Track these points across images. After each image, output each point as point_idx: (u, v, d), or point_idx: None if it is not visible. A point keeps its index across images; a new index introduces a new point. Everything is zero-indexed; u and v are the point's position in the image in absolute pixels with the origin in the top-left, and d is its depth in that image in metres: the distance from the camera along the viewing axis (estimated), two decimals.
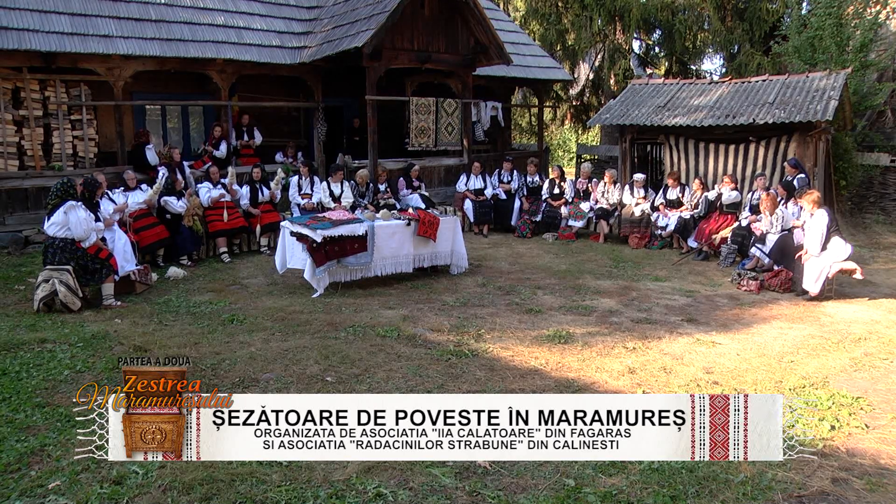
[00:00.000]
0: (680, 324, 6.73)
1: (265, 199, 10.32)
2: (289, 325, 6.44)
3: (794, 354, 5.83)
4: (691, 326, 6.64)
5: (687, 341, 6.12)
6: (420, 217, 8.47)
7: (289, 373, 5.11)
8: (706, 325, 6.71)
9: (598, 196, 11.92)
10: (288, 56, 12.44)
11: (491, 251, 10.67)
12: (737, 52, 19.31)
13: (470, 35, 13.09)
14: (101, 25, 10.89)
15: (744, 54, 18.37)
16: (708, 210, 10.56)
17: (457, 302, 7.46)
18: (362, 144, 12.74)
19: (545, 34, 21.05)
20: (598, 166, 16.25)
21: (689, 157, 12.14)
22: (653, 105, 12.65)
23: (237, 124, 12.39)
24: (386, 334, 6.13)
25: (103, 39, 10.72)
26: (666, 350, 5.87)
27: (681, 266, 9.72)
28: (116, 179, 9.64)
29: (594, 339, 6.11)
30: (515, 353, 5.69)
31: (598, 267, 9.56)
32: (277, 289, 8.07)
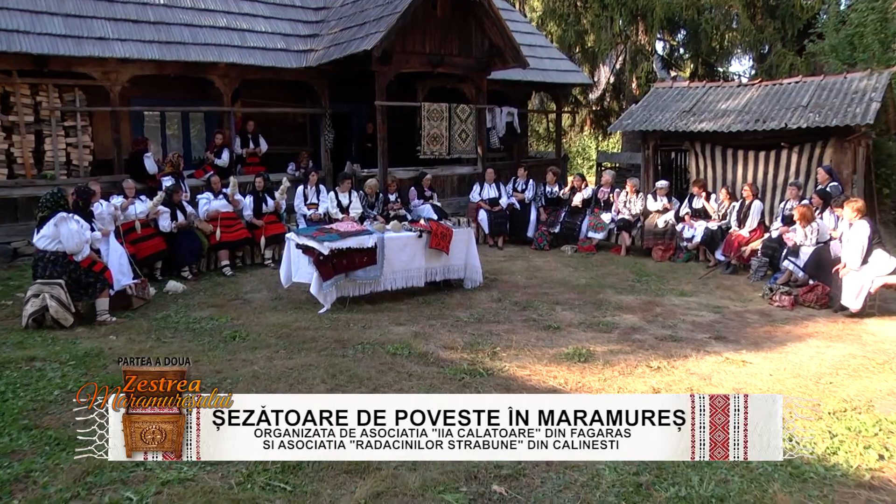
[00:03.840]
0: (707, 342, 6.68)
1: (269, 209, 10.39)
2: (294, 343, 6.45)
3: (833, 375, 5.75)
4: (720, 344, 6.60)
5: (715, 360, 6.08)
6: (432, 228, 8.49)
7: (294, 392, 5.10)
8: (736, 343, 6.67)
9: (620, 206, 11.90)
10: (293, 60, 12.53)
11: (507, 264, 10.67)
12: (767, 52, 19.21)
13: (484, 37, 13.16)
14: (96, 27, 10.86)
15: (775, 54, 18.26)
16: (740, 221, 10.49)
17: (471, 318, 7.46)
18: (374, 152, 12.77)
19: (563, 36, 21.14)
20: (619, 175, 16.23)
21: (716, 164, 12.11)
22: (677, 109, 12.65)
23: (242, 131, 12.46)
24: (396, 352, 6.13)
25: (99, 42, 10.73)
26: (693, 370, 5.83)
27: (708, 280, 9.67)
28: (113, 189, 9.62)
29: (616, 358, 6.09)
30: (533, 372, 5.68)
31: (620, 281, 9.53)
32: (282, 304, 8.10)
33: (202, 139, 13.78)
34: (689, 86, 13.86)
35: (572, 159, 27.77)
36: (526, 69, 14.09)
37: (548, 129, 25.59)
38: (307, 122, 14.63)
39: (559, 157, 17.47)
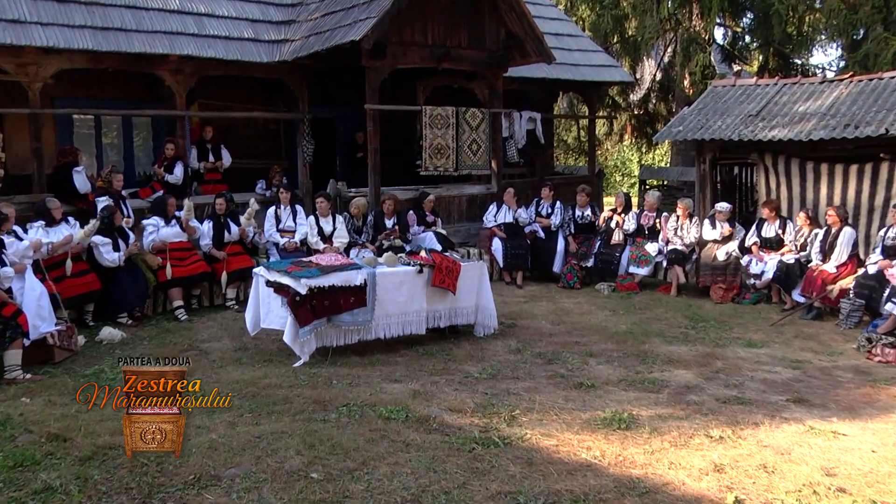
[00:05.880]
0: (785, 405, 6.65)
1: (233, 238, 10.45)
2: (262, 404, 6.44)
3: None
4: (801, 409, 6.56)
5: (796, 430, 6.05)
6: (435, 262, 8.52)
7: (261, 467, 5.11)
8: (822, 407, 6.63)
9: (669, 234, 11.94)
10: (264, 52, 12.62)
11: (527, 306, 10.68)
12: (863, 37, 18.42)
13: (500, 25, 13.30)
14: (8, 7, 10.62)
15: (873, 40, 17.32)
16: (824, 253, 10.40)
17: (483, 373, 7.45)
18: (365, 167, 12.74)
19: (598, 22, 21.37)
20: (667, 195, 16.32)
21: (792, 181, 12.11)
22: (742, 113, 12.72)
23: (199, 141, 12.53)
24: (391, 416, 6.12)
25: (12, 26, 10.46)
26: (766, 441, 5.80)
27: (783, 327, 9.65)
28: (31, 211, 9.36)
29: (666, 425, 6.06)
30: (561, 442, 5.66)
31: (670, 327, 9.52)
32: (248, 355, 8.10)
33: (148, 150, 13.88)
34: (758, 83, 13.93)
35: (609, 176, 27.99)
36: (551, 64, 14.20)
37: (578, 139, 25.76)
38: (281, 130, 14.78)
39: (592, 174, 17.59)
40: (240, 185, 12.56)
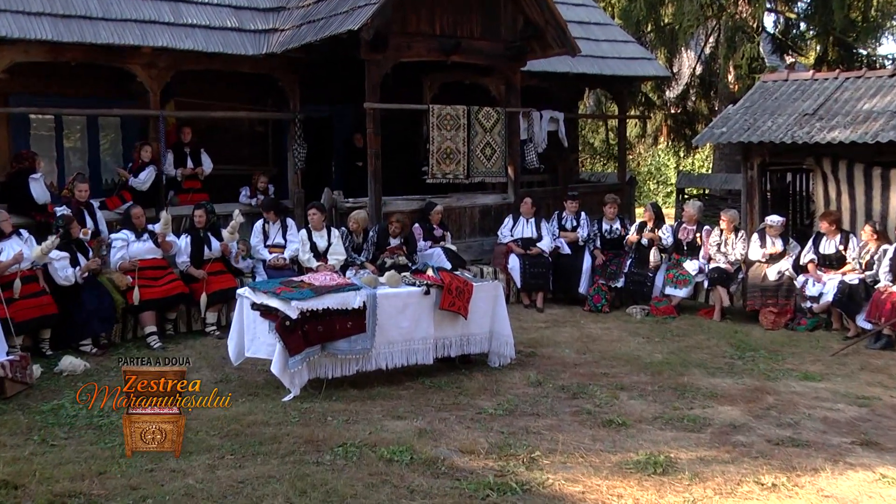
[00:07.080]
0: (850, 449, 6.62)
1: (214, 254, 10.48)
2: (246, 444, 6.44)
3: None
4: (870, 454, 6.53)
5: (864, 478, 6.02)
6: (444, 282, 8.53)
7: None
8: (894, 452, 6.60)
9: (712, 251, 11.92)
10: (249, 43, 12.65)
11: (549, 332, 10.68)
12: None
13: (517, 12, 13.33)
14: None
15: None
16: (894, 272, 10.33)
17: (499, 409, 7.45)
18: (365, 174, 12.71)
19: (629, 8, 21.36)
20: (709, 206, 16.30)
21: (855, 190, 12.08)
22: (796, 112, 12.73)
23: (176, 144, 12.57)
24: (393, 457, 6.12)
25: None
26: (828, 491, 5.77)
27: (846, 357, 9.62)
28: None
29: (709, 469, 6.05)
30: (588, 489, 5.65)
31: (713, 357, 9.50)
32: (231, 388, 8.10)
33: (117, 155, 13.87)
34: (815, 77, 13.93)
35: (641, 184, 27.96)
36: (576, 56, 14.27)
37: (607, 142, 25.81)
38: (269, 132, 14.82)
39: (623, 182, 17.57)
40: (222, 194, 12.56)
